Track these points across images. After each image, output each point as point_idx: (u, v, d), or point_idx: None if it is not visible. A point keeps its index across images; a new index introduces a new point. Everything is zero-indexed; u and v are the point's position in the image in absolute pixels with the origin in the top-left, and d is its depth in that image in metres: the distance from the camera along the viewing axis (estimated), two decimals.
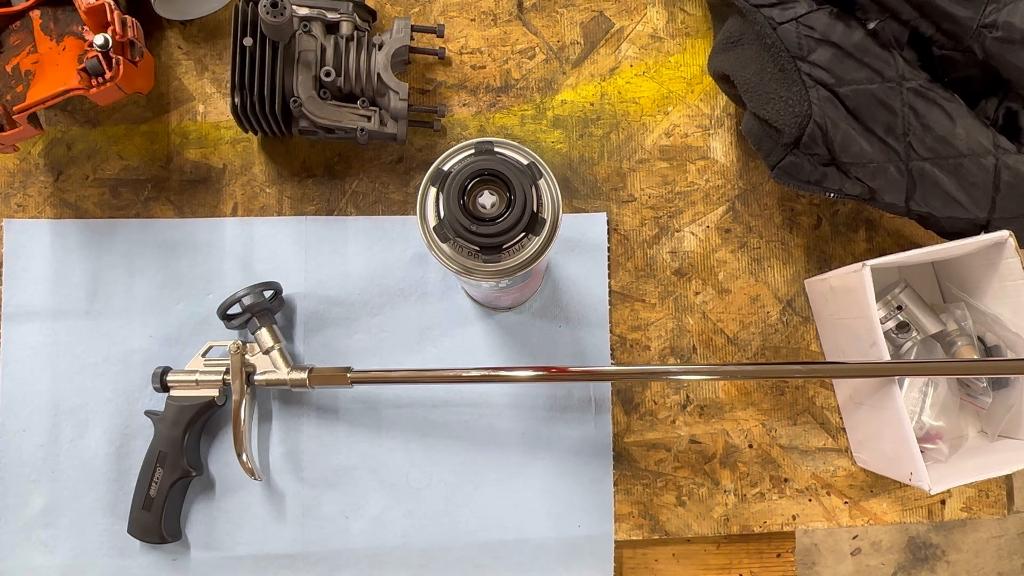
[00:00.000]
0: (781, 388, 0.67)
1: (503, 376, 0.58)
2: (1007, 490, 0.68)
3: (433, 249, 0.45)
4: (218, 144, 0.66)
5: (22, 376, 0.63)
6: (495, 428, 0.64)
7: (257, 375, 0.60)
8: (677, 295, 0.67)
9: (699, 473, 0.65)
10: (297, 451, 0.63)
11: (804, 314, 0.67)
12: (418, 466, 0.64)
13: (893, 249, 0.68)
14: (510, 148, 0.45)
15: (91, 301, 0.64)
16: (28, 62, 0.56)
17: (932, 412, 0.61)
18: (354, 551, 0.63)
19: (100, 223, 0.64)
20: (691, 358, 0.66)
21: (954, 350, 0.63)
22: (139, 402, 0.63)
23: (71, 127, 0.65)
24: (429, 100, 0.67)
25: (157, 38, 0.66)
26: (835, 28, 0.55)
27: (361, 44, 0.61)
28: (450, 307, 0.65)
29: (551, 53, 0.68)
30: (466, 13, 0.68)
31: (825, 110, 0.55)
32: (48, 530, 0.62)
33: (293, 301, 0.65)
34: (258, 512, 0.63)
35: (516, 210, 0.42)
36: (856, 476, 0.66)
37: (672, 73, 0.68)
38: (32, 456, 0.62)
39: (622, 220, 0.67)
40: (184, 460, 0.60)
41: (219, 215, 0.65)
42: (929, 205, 0.57)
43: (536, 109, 0.67)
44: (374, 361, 0.64)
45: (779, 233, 0.68)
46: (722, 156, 0.68)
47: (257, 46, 0.58)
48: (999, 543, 1.63)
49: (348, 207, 0.66)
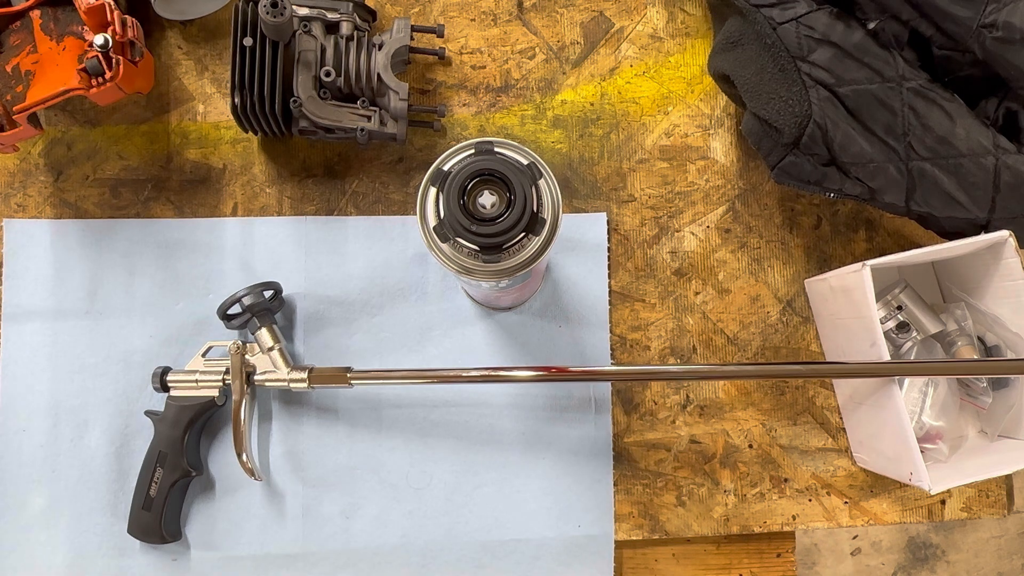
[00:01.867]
0: (781, 388, 0.67)
1: (503, 376, 0.58)
2: (1007, 490, 0.68)
3: (433, 249, 0.45)
4: (218, 144, 0.66)
5: (22, 376, 0.63)
6: (495, 428, 0.64)
7: (257, 375, 0.60)
8: (677, 295, 0.67)
9: (699, 473, 0.65)
10: (297, 451, 0.63)
11: (804, 314, 0.67)
12: (418, 466, 0.64)
13: (893, 249, 0.68)
14: (510, 148, 0.45)
15: (91, 301, 0.64)
16: (28, 62, 0.56)
17: (932, 412, 0.61)
18: (354, 551, 0.63)
19: (100, 223, 0.64)
20: (691, 358, 0.66)
21: (954, 350, 0.63)
22: (139, 402, 0.63)
23: (71, 127, 0.65)
24: (429, 100, 0.67)
25: (157, 38, 0.66)
26: (835, 28, 0.55)
27: (361, 44, 0.61)
28: (450, 307, 0.65)
29: (551, 53, 0.68)
30: (466, 13, 0.68)
31: (825, 110, 0.55)
32: (48, 530, 0.62)
33: (293, 301, 0.65)
34: (258, 512, 0.63)
35: (516, 210, 0.42)
36: (856, 476, 0.66)
37: (672, 73, 0.68)
38: (32, 456, 0.62)
39: (622, 220, 0.67)
40: (184, 460, 0.60)
41: (219, 215, 0.65)
42: (929, 205, 0.57)
43: (536, 109, 0.67)
44: (374, 361, 0.64)
45: (779, 233, 0.68)
46: (722, 156, 0.68)
47: (257, 46, 0.58)
48: (999, 543, 1.63)
49: (348, 207, 0.66)
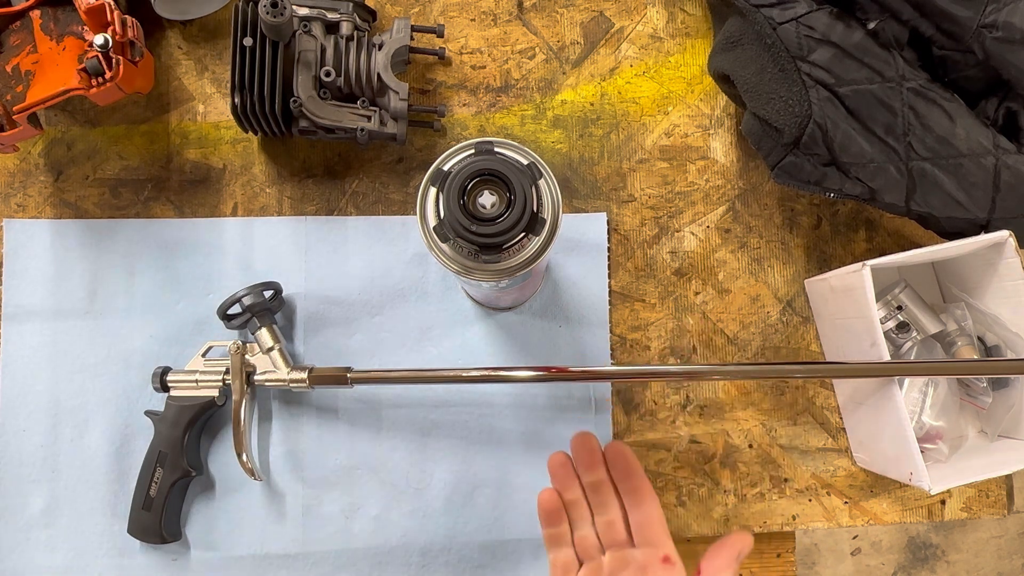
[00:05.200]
0: (781, 388, 0.67)
1: (503, 376, 0.58)
2: (1007, 490, 0.68)
3: (433, 249, 0.45)
4: (218, 144, 0.66)
5: (22, 376, 0.63)
6: (495, 428, 0.64)
7: (257, 375, 0.60)
8: (677, 295, 0.67)
9: (699, 473, 0.65)
10: (297, 451, 0.63)
11: (804, 314, 0.67)
12: (418, 466, 0.64)
13: (893, 249, 0.68)
14: (510, 148, 0.45)
15: (91, 301, 0.64)
16: (28, 62, 0.56)
17: (932, 412, 0.61)
18: (354, 551, 0.63)
19: (100, 223, 0.64)
20: (691, 358, 0.66)
21: (954, 350, 0.63)
22: (139, 402, 0.63)
23: (71, 127, 0.65)
24: (429, 100, 0.67)
25: (157, 38, 0.66)
26: (835, 28, 0.55)
27: (361, 44, 0.61)
28: (450, 307, 0.65)
29: (551, 53, 0.68)
30: (466, 13, 0.68)
31: (825, 110, 0.55)
32: (48, 530, 0.62)
33: (293, 301, 0.65)
34: (258, 512, 0.63)
35: (516, 210, 0.42)
36: (856, 476, 0.66)
37: (672, 73, 0.68)
38: (32, 456, 0.62)
39: (622, 220, 0.67)
40: (184, 460, 0.60)
41: (219, 215, 0.65)
42: (929, 205, 0.57)
43: (536, 109, 0.67)
44: (374, 361, 0.64)
45: (779, 233, 0.68)
46: (722, 156, 0.68)
47: (257, 46, 0.58)
48: (999, 543, 1.63)
49: (348, 207, 0.66)
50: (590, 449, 0.54)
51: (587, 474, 0.54)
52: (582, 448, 0.54)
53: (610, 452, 0.54)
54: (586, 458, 0.54)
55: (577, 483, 0.54)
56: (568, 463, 0.55)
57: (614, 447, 0.54)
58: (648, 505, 0.51)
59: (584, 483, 0.54)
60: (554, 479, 0.55)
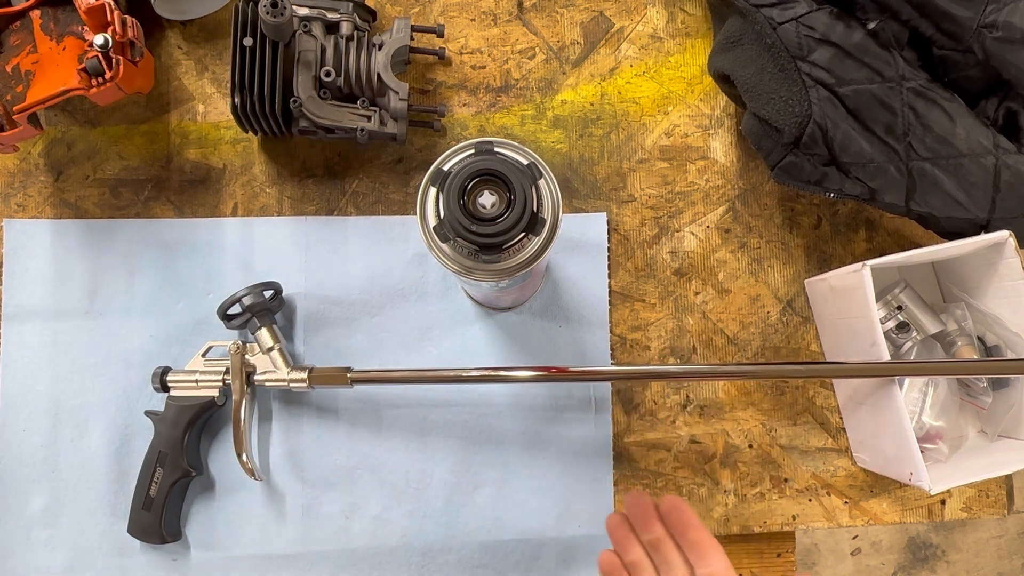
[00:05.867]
0: (781, 388, 0.67)
1: (503, 376, 0.58)
2: (1007, 490, 0.68)
3: (433, 249, 0.45)
4: (218, 144, 0.66)
5: (22, 376, 0.63)
6: (495, 428, 0.64)
7: (257, 375, 0.60)
8: (677, 295, 0.67)
9: (699, 473, 0.65)
10: (297, 451, 0.63)
11: (804, 314, 0.67)
12: (418, 466, 0.64)
13: (893, 249, 0.68)
14: (510, 148, 0.45)
15: (91, 301, 0.64)
16: (28, 62, 0.56)
17: (932, 412, 0.61)
18: (354, 551, 0.63)
19: (100, 223, 0.64)
20: (691, 358, 0.66)
21: (954, 350, 0.63)
22: (139, 402, 0.63)
23: (71, 127, 0.65)
24: (429, 100, 0.67)
25: (157, 38, 0.66)
26: (835, 28, 0.55)
27: (361, 44, 0.61)
28: (450, 307, 0.65)
29: (551, 53, 0.68)
30: (466, 13, 0.68)
31: (825, 110, 0.55)
32: (48, 530, 0.62)
33: (293, 301, 0.65)
34: (258, 512, 0.63)
35: (516, 210, 0.42)
36: (856, 476, 0.66)
37: (672, 73, 0.68)
38: (32, 456, 0.62)
39: (622, 220, 0.67)
40: (184, 460, 0.60)
41: (219, 215, 0.65)
42: (929, 205, 0.57)
43: (536, 109, 0.67)
44: (374, 361, 0.64)
45: (779, 233, 0.68)
46: (722, 156, 0.68)
47: (257, 46, 0.58)
48: (999, 543, 1.63)
49: (348, 207, 0.66)
50: (644, 506, 0.52)
51: (645, 532, 0.52)
52: (636, 506, 0.53)
53: (665, 507, 0.52)
54: (642, 516, 0.52)
55: (637, 543, 0.52)
56: (625, 523, 0.53)
57: (669, 501, 0.52)
58: (712, 557, 0.49)
59: (643, 542, 0.52)
60: (613, 540, 0.54)
